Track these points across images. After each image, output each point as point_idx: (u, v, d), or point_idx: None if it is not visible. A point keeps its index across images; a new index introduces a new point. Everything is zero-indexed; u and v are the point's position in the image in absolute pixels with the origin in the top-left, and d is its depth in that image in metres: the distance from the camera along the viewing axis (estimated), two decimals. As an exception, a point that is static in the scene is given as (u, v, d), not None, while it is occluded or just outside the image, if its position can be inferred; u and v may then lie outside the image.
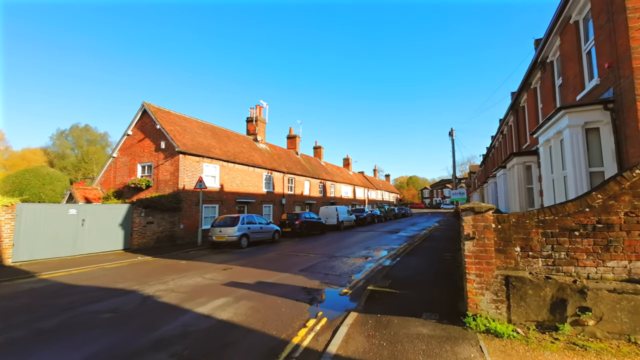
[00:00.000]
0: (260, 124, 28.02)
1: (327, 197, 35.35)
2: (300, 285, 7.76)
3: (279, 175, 26.29)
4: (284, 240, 18.29)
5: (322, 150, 40.38)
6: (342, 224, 25.95)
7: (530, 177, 12.32)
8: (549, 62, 10.06)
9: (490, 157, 28.24)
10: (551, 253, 4.56)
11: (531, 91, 12.32)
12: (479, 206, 4.78)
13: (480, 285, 4.70)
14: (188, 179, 17.83)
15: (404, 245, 15.06)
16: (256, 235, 16.11)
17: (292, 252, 13.39)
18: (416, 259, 11.07)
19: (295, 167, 29.85)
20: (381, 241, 17.11)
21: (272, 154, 28.14)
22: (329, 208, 26.27)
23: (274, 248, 14.95)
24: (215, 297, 6.74)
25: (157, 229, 16.24)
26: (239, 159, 22.03)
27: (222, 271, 9.55)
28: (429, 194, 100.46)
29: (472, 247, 4.78)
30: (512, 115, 16.37)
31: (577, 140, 6.36)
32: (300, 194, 29.54)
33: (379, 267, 9.98)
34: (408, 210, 52.08)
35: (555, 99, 9.77)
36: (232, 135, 25.21)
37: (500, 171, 16.75)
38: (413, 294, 6.57)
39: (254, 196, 23.00)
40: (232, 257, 12.33)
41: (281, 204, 26.28)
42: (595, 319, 4.15)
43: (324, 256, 12.16)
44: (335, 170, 42.35)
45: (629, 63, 5.48)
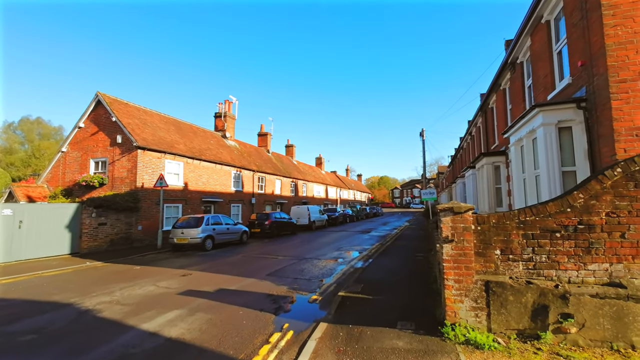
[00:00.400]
0: (229, 120, 26.83)
1: (299, 197, 34.71)
2: (266, 292, 7.11)
3: (248, 174, 25.30)
4: (252, 242, 17.46)
5: (294, 148, 39.65)
6: (314, 224, 25.46)
7: (498, 177, 12.48)
8: (519, 63, 10.13)
9: (458, 158, 28.99)
10: (532, 256, 4.28)
11: (500, 92, 12.48)
12: (459, 206, 4.41)
13: (460, 291, 4.34)
14: (148, 176, 16.48)
15: (376, 246, 14.81)
16: (222, 237, 15.17)
17: (260, 255, 12.66)
18: (389, 259, 10.77)
19: (266, 166, 28.94)
20: (353, 241, 16.79)
21: (241, 151, 27.05)
22: (300, 208, 25.68)
23: (241, 250, 14.12)
24: (167, 310, 5.93)
25: (111, 230, 14.82)
26: (206, 155, 20.84)
27: (180, 277, 8.66)
28: (399, 193, 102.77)
29: (450, 250, 4.41)
30: (480, 116, 16.67)
31: (551, 138, 6.24)
32: (271, 193, 28.68)
33: (351, 269, 9.55)
34: (379, 210, 52.69)
35: (525, 99, 9.85)
36: (199, 131, 23.87)
37: (469, 171, 17.03)
38: (387, 300, 6.16)
39: (221, 195, 21.89)
40: (194, 261, 11.39)
41: (251, 204, 25.31)
42: (578, 326, 3.90)
43: (293, 258, 11.56)
44: (307, 170, 41.81)
45: (603, 61, 5.39)
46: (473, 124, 18.93)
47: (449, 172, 44.16)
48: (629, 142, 5.07)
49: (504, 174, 12.20)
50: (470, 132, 20.64)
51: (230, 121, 27.00)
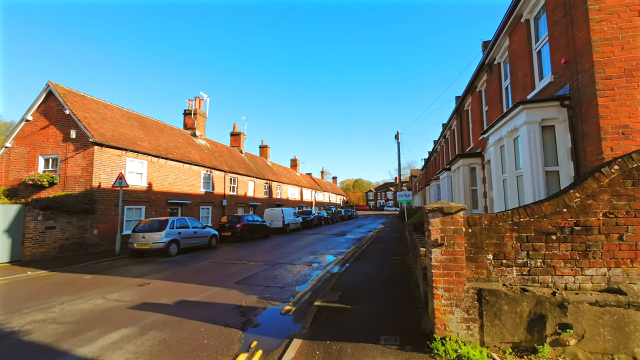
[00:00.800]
0: (199, 118, 25.52)
1: (273, 199, 33.79)
2: (233, 303, 6.37)
3: (219, 175, 24.12)
4: (223, 246, 16.45)
5: (268, 149, 38.68)
6: (288, 227, 24.72)
7: (474, 179, 12.47)
8: (496, 64, 10.09)
9: (432, 161, 29.43)
10: (527, 261, 3.92)
11: (476, 94, 12.50)
12: (449, 206, 3.98)
13: (450, 301, 3.89)
14: (106, 175, 15.06)
15: (352, 249, 14.37)
16: (189, 241, 14.09)
17: (229, 260, 11.79)
18: (366, 264, 10.33)
19: (238, 166, 27.84)
20: (329, 245, 16.27)
21: (212, 151, 25.80)
22: (274, 210, 24.85)
23: (209, 255, 13.14)
24: (113, 328, 5.05)
25: (61, 235, 13.31)
26: (173, 154, 19.54)
27: (135, 288, 7.68)
28: (374, 196, 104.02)
29: (440, 255, 3.96)
30: (455, 119, 16.80)
31: (535, 137, 6.04)
32: (243, 195, 27.60)
33: (327, 275, 8.98)
34: (354, 212, 52.71)
35: (502, 100, 9.80)
36: (166, 129, 22.44)
37: (444, 173, 17.09)
38: (367, 309, 5.64)
39: (189, 197, 20.62)
40: (155, 268, 10.34)
41: (222, 206, 24.13)
42: (577, 337, 3.56)
43: (266, 264, 10.82)
44: (282, 171, 40.95)
45: (589, 57, 5.22)
46: (448, 127, 19.11)
47: (422, 175, 44.99)
48: (615, 141, 4.90)
49: (479, 175, 12.19)
50: (445, 135, 20.87)
51: (200, 119, 25.69)
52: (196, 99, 25.40)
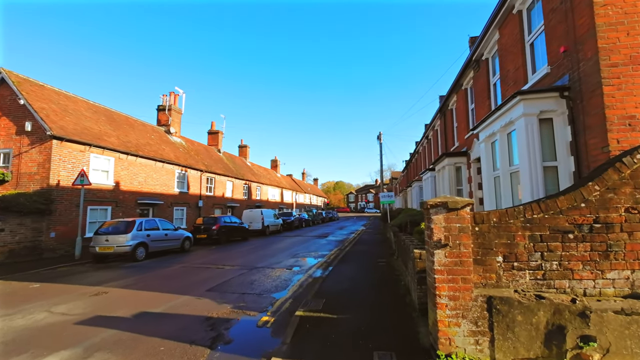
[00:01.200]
0: (174, 114, 24.20)
1: (252, 200, 32.73)
2: (202, 314, 5.58)
3: (195, 174, 22.92)
4: (197, 249, 15.41)
5: (247, 149, 37.55)
6: (268, 229, 23.84)
7: (460, 179, 12.21)
8: (484, 60, 9.83)
9: (413, 163, 29.44)
10: (541, 263, 3.43)
11: (462, 92, 12.27)
12: (454, 201, 3.43)
13: (456, 312, 3.33)
14: (66, 172, 13.70)
15: (335, 251, 13.77)
16: (159, 244, 13.00)
17: (203, 264, 10.87)
18: (350, 267, 9.74)
19: (216, 166, 26.66)
20: (310, 247, 15.59)
21: (188, 149, 24.54)
22: (253, 211, 23.91)
23: (181, 259, 12.14)
24: (50, 351, 4.16)
25: (11, 239, 11.89)
26: (144, 151, 18.26)
27: (89, 298, 6.70)
28: (354, 198, 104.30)
29: (444, 258, 3.40)
30: (439, 119, 16.63)
31: (533, 130, 5.65)
32: (221, 195, 26.44)
33: (309, 279, 8.31)
34: (335, 214, 52.29)
35: (490, 97, 9.54)
36: (137, 124, 21.05)
37: (427, 174, 16.87)
38: (355, 319, 5.01)
39: (162, 197, 19.36)
40: (118, 275, 9.30)
41: (197, 207, 22.92)
42: (602, 352, 3.08)
43: (243, 268, 10.01)
44: (262, 172, 39.90)
45: (592, 43, 4.88)
46: (430, 127, 18.97)
47: (403, 177, 45.24)
48: (622, 132, 4.55)
49: (465, 175, 11.94)
50: (427, 136, 20.76)
51: (175, 115, 24.38)
52: (171, 94, 24.10)
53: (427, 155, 21.26)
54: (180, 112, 24.92)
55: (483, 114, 9.95)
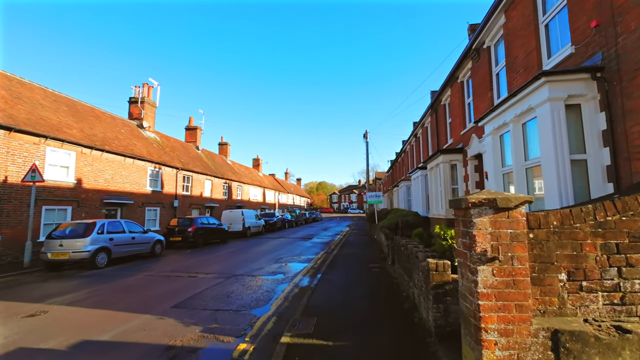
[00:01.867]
0: (148, 108, 22.47)
1: (232, 200, 31.23)
2: (163, 342, 4.42)
3: (170, 172, 21.32)
4: (170, 253, 14.01)
5: (228, 147, 35.94)
6: (249, 231, 22.56)
7: (455, 177, 11.50)
8: (485, 48, 9.10)
9: (399, 162, 28.89)
10: (618, 282, 2.54)
11: (457, 86, 11.56)
12: (505, 198, 2.49)
13: (509, 352, 2.39)
14: (15, 167, 12.00)
15: (322, 255, 12.77)
16: (124, 249, 11.56)
17: (174, 272, 9.59)
18: (341, 274, 8.76)
19: (193, 163, 25.08)
20: (294, 250, 14.52)
21: (163, 145, 22.86)
22: (233, 212, 22.56)
23: (149, 266, 10.78)
24: None
25: (-56, 244, 10.15)
26: (112, 146, 16.59)
27: (21, 320, 5.37)
28: (338, 199, 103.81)
29: (491, 277, 2.45)
30: (430, 115, 15.96)
31: (559, 117, 4.84)
32: (199, 195, 24.87)
33: (295, 290, 7.26)
34: (319, 215, 51.36)
35: (492, 88, 8.81)
36: (105, 117, 19.27)
37: (417, 172, 16.17)
38: (356, 347, 4.01)
39: (132, 196, 17.72)
40: (69, 286, 7.90)
41: (173, 207, 21.32)
42: None
43: (219, 276, 8.83)
44: (243, 171, 38.38)
45: (637, 12, 4.11)
46: (420, 124, 18.32)
47: (387, 177, 44.87)
48: (675, 116, 3.79)
49: (460, 173, 11.23)
50: (416, 134, 20.13)
51: (149, 109, 22.65)
52: (144, 85, 22.37)
53: (416, 153, 20.65)
54: (155, 105, 23.19)
55: (483, 107, 9.23)
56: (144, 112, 22.04)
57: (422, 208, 15.59)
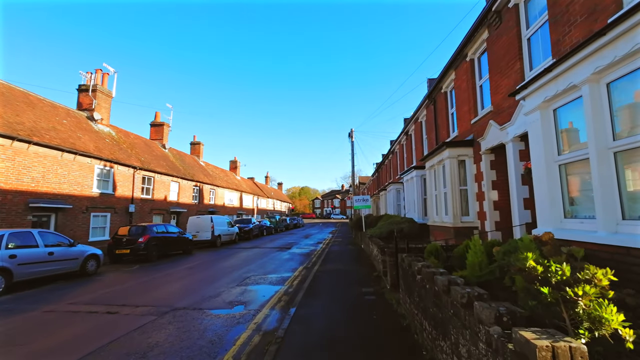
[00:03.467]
0: (101, 97, 19.39)
1: (204, 205, 28.25)
2: None
3: (126, 171, 18.30)
4: (110, 271, 11.18)
5: (201, 147, 32.91)
6: (219, 239, 19.80)
7: (463, 176, 9.41)
8: (510, 7, 7.06)
9: (386, 164, 26.91)
10: None
11: (466, 65, 9.52)
12: None
13: None
14: None
15: (300, 272, 10.32)
16: (35, 269, 8.69)
17: (91, 303, 6.88)
18: (323, 306, 6.35)
19: (157, 163, 22.08)
20: (268, 264, 12.00)
21: (119, 141, 19.80)
22: (201, 218, 19.75)
23: (67, 292, 8.00)
24: None
25: None
26: (45, 137, 13.56)
27: None
28: (320, 204, 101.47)
29: None
30: (426, 107, 13.95)
31: None
32: (162, 199, 21.85)
33: (256, 339, 4.79)
34: (300, 221, 48.80)
35: (522, 56, 6.75)
36: (42, 104, 16.13)
37: (412, 173, 14.08)
38: None
39: (72, 199, 14.67)
40: None
41: (128, 213, 18.28)
42: None
43: (152, 310, 6.22)
44: (218, 173, 35.39)
45: None
46: (412, 120, 16.32)
47: (373, 180, 43.02)
48: None
49: (471, 171, 9.16)
50: (407, 132, 18.13)
51: (103, 99, 19.57)
52: (97, 72, 19.31)
53: (407, 153, 18.63)
54: (110, 95, 20.12)
55: (508, 84, 7.18)
56: (95, 102, 18.95)
57: (418, 214, 13.46)
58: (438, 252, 5.29)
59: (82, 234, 15.13)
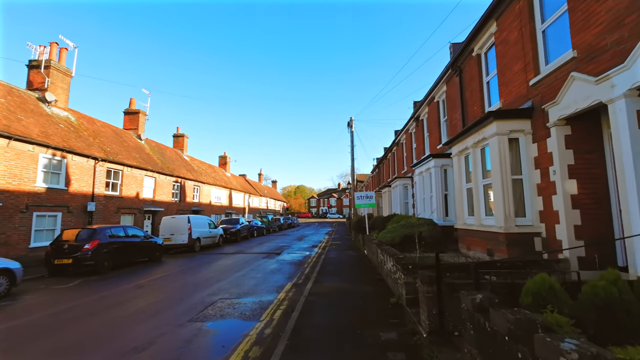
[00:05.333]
0: (56, 76, 16.38)
1: (187, 203, 25.33)
2: None
3: (84, 163, 15.38)
4: (36, 289, 8.36)
5: (185, 139, 29.90)
6: (198, 243, 16.97)
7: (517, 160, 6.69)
8: None
9: (390, 158, 24.19)
10: None
11: (519, 5, 6.78)
12: None
13: None
14: None
15: (286, 294, 7.54)
16: None
17: None
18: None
19: (127, 155, 19.15)
20: (247, 279, 9.22)
21: (78, 127, 16.84)
22: (176, 218, 16.90)
23: None
24: None
25: None
26: (-35, 117, 10.63)
27: None
28: (316, 203, 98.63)
29: None
30: (448, 80, 11.22)
31: None
32: (133, 196, 18.93)
33: None
34: (295, 220, 46.06)
35: None
36: (-23, 80, 13.16)
37: (428, 163, 11.36)
38: None
39: (4, 195, 11.76)
40: None
41: (86, 212, 15.36)
42: None
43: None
44: (205, 169, 32.45)
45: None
46: (426, 101, 13.59)
47: (372, 177, 40.37)
48: None
49: (528, 153, 6.45)
50: (418, 117, 15.40)
51: (59, 77, 16.57)
52: (52, 46, 16.31)
53: (418, 142, 15.90)
54: (69, 73, 17.11)
55: (613, 5, 4.48)
56: (49, 81, 15.96)
57: (438, 214, 10.75)
58: (556, 294, 2.54)
59: (19, 238, 12.22)
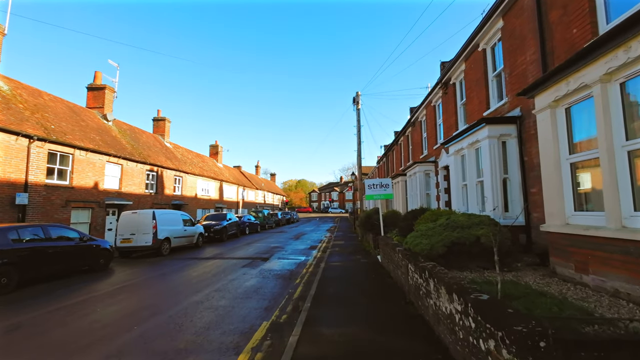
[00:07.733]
0: (-17, 32, 12.88)
1: (165, 196, 21.89)
2: None
3: (12, 142, 11.91)
4: None
5: (167, 124, 26.34)
6: (166, 245, 13.55)
7: None
8: None
9: (402, 142, 20.54)
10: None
11: None
12: None
13: None
14: None
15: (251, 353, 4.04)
16: None
17: None
18: None
19: (83, 135, 15.65)
20: (198, 315, 5.71)
21: (11, 98, 13.33)
22: (138, 214, 13.48)
23: None
24: None
25: None
26: None
27: None
28: (317, 197, 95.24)
29: None
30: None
31: None
32: (90, 186, 15.46)
33: None
34: (295, 215, 42.74)
35: None
36: None
37: (469, 138, 7.76)
38: None
39: None
40: None
41: (15, 206, 11.93)
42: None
43: None
44: (191, 158, 28.96)
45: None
46: (464, 54, 9.93)
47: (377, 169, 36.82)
48: None
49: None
50: (447, 81, 11.73)
51: (-12, 35, 13.05)
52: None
53: (448, 114, 12.25)
54: (2, 32, 13.56)
55: None
56: (-31, 37, 12.43)
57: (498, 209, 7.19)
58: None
59: None
